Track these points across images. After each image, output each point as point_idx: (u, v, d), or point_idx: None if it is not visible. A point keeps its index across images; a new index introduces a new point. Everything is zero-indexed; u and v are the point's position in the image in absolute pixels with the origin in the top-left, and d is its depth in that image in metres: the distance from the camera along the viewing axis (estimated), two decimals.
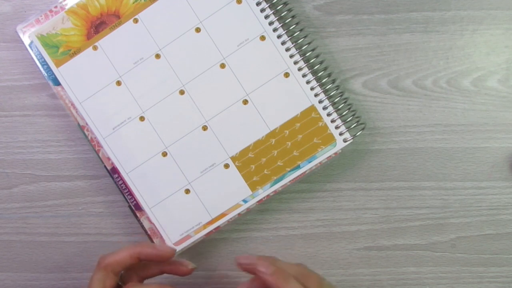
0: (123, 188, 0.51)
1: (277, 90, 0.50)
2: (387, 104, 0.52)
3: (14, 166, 0.54)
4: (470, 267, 0.53)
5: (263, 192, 0.51)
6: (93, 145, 0.51)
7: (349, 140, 0.50)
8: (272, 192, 0.51)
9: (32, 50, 0.50)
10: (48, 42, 0.50)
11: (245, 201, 0.51)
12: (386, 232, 0.53)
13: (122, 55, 0.50)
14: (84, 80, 0.50)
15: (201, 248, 0.54)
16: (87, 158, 0.53)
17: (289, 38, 0.49)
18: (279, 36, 0.49)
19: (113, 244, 0.54)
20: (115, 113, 0.50)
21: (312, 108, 0.50)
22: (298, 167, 0.50)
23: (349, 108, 0.50)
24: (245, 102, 0.50)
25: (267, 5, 0.49)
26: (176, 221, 0.51)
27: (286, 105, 0.50)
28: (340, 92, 0.50)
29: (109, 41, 0.50)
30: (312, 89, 0.50)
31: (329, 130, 0.50)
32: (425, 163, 0.53)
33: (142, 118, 0.50)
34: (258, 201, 0.51)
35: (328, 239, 0.54)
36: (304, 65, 0.49)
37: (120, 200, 0.53)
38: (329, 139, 0.50)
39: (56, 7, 0.50)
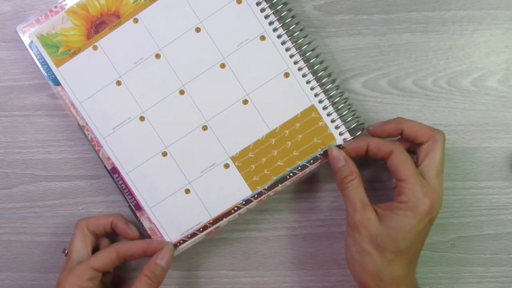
0: (123, 188, 0.51)
1: (277, 90, 0.50)
2: (387, 104, 0.52)
3: (14, 166, 0.54)
4: (470, 267, 0.53)
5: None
6: (93, 145, 0.51)
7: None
8: (272, 192, 0.51)
9: (32, 50, 0.50)
10: (48, 42, 0.50)
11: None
12: None
13: (122, 55, 0.50)
14: (84, 80, 0.50)
15: (201, 248, 0.54)
16: (87, 158, 0.53)
17: (289, 38, 0.49)
18: (279, 36, 0.49)
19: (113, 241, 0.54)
20: (115, 113, 0.50)
21: (312, 108, 0.50)
22: (298, 167, 0.50)
23: (349, 108, 0.50)
24: (245, 102, 0.50)
25: (267, 5, 0.49)
26: (176, 221, 0.51)
27: (286, 105, 0.50)
28: (340, 92, 0.50)
29: (109, 41, 0.50)
30: (312, 89, 0.50)
31: (329, 130, 0.50)
32: None
33: (142, 118, 0.50)
34: (258, 201, 0.51)
35: (328, 239, 0.54)
36: (304, 65, 0.49)
37: (120, 200, 0.53)
38: (329, 139, 0.50)
39: (56, 7, 0.50)
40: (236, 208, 0.51)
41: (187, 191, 0.51)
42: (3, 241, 0.54)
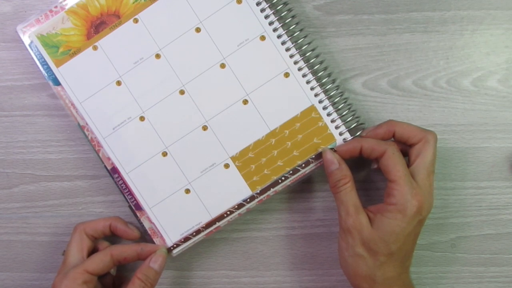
0: (123, 188, 0.51)
1: (277, 90, 0.50)
2: (387, 104, 0.52)
3: (14, 166, 0.54)
4: (470, 267, 0.53)
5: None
6: (93, 145, 0.51)
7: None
8: (272, 192, 0.51)
9: (32, 50, 0.50)
10: (48, 42, 0.50)
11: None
12: None
13: (122, 55, 0.50)
14: (84, 80, 0.50)
15: (201, 248, 0.54)
16: (87, 158, 0.53)
17: (289, 38, 0.49)
18: (279, 36, 0.49)
19: (113, 243, 0.54)
20: (115, 113, 0.50)
21: (312, 108, 0.50)
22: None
23: (349, 108, 0.50)
24: (245, 102, 0.50)
25: (267, 5, 0.49)
26: (176, 221, 0.51)
27: (286, 105, 0.50)
28: (340, 92, 0.50)
29: (109, 41, 0.50)
30: (312, 89, 0.50)
31: (329, 130, 0.50)
32: None
33: (142, 118, 0.50)
34: (258, 201, 0.51)
35: (328, 239, 0.54)
36: (304, 65, 0.50)
37: (120, 200, 0.53)
38: (329, 139, 0.50)
39: (56, 7, 0.50)
40: (236, 208, 0.51)
41: (187, 191, 0.51)
42: (3, 241, 0.54)
